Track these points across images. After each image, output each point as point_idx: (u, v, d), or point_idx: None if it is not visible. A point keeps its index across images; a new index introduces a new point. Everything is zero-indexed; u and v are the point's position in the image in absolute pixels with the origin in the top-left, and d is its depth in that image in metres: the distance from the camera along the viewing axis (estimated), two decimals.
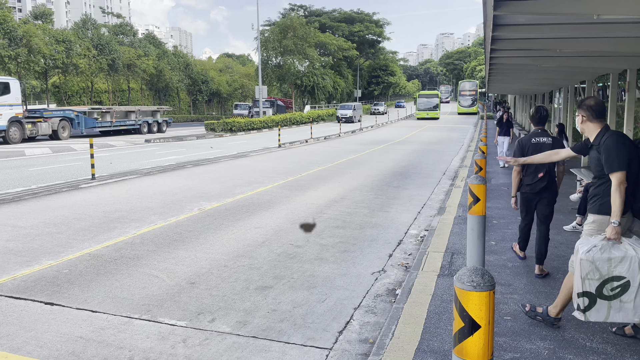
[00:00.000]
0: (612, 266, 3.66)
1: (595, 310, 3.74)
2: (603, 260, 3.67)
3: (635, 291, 3.64)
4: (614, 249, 3.68)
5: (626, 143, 3.87)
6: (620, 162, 3.77)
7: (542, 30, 7.37)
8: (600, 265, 3.67)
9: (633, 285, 3.63)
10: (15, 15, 60.41)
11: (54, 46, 41.70)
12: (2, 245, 6.80)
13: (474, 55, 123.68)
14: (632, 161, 3.85)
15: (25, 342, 4.10)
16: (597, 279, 3.69)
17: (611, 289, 3.67)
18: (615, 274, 3.66)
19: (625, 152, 3.81)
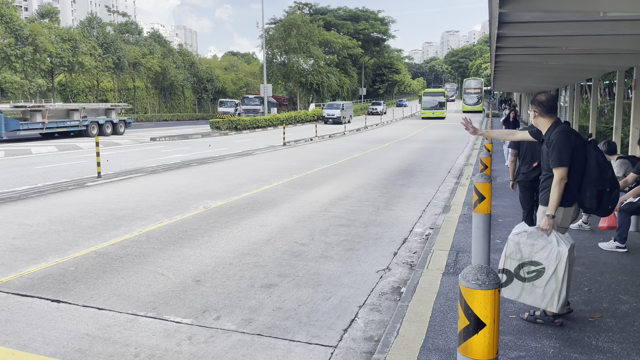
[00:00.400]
0: (533, 251, 3.91)
1: (510, 288, 4.04)
2: (527, 244, 3.92)
3: (547, 279, 3.88)
4: (541, 237, 3.92)
5: (572, 140, 3.99)
6: (563, 158, 3.93)
7: (548, 27, 7.33)
8: (523, 247, 3.93)
9: (547, 273, 3.87)
10: (22, 14, 60.68)
11: (59, 45, 41.88)
12: (9, 243, 6.84)
13: (480, 53, 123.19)
14: (578, 157, 3.98)
15: (32, 339, 4.13)
16: (518, 260, 3.96)
17: (528, 272, 3.93)
18: (534, 259, 3.90)
19: (569, 149, 3.95)
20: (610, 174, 4.00)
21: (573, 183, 3.99)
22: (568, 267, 3.87)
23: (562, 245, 3.86)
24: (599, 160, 3.99)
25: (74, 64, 43.96)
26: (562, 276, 3.86)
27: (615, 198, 4.05)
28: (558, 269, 3.86)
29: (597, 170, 3.97)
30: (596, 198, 3.99)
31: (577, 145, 4.00)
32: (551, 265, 3.86)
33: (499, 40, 8.41)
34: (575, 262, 5.82)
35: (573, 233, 7.16)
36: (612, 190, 4.00)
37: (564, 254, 3.84)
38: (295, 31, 54.91)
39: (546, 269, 3.87)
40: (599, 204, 4.01)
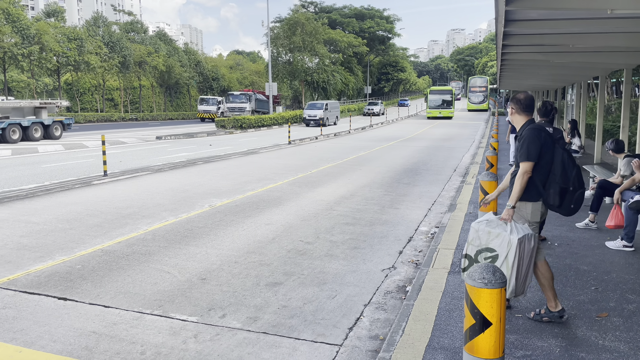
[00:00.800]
0: (489, 238, 4.09)
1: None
2: (485, 231, 4.11)
3: (500, 265, 4.03)
4: (499, 225, 4.10)
5: (541, 137, 4.14)
6: (530, 153, 4.10)
7: (555, 25, 7.29)
8: (481, 235, 4.13)
9: (499, 260, 4.05)
10: (28, 13, 60.97)
11: (65, 44, 42.07)
12: (16, 241, 6.89)
13: (485, 51, 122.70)
14: (546, 155, 4.13)
15: (39, 336, 4.15)
16: (477, 246, 4.15)
17: (484, 258, 4.11)
18: (490, 245, 4.08)
19: (538, 145, 4.10)
20: (575, 174, 4.10)
21: (540, 179, 4.14)
22: (519, 256, 4.00)
23: (514, 234, 4.01)
24: (564, 159, 4.12)
25: (80, 62, 44.16)
26: (512, 263, 4.00)
27: (579, 198, 4.14)
28: (508, 256, 4.01)
29: (561, 169, 4.10)
30: (559, 195, 4.10)
31: (546, 143, 4.14)
32: (503, 252, 4.03)
33: (505, 38, 8.37)
34: (583, 259, 5.78)
35: (580, 232, 7.13)
36: (576, 190, 4.11)
37: (513, 242, 3.98)
38: (299, 29, 54.83)
39: (499, 256, 4.05)
40: (561, 202, 4.12)
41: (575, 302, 4.67)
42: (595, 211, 7.33)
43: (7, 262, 5.97)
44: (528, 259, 4.08)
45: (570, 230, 7.25)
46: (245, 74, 76.65)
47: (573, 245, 6.53)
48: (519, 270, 4.04)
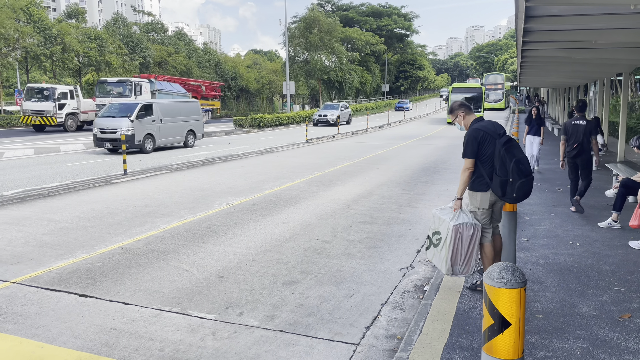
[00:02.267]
0: (439, 223, 4.78)
1: (429, 252, 4.93)
2: (437, 217, 4.82)
3: (442, 245, 4.71)
4: (448, 213, 4.73)
5: (479, 136, 4.64)
6: (467, 151, 4.68)
7: (577, 21, 7.16)
8: (435, 220, 4.86)
9: (442, 241, 4.70)
10: (50, 14, 62.03)
11: (86, 44, 42.71)
12: (38, 239, 7.01)
13: (505, 48, 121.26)
14: (486, 151, 4.62)
15: (60, 332, 4.22)
16: (432, 229, 4.89)
17: (436, 240, 4.82)
18: (438, 229, 4.78)
19: (475, 144, 4.64)
20: (513, 166, 4.47)
21: (486, 172, 4.64)
22: (454, 239, 4.59)
23: (454, 220, 4.61)
24: (501, 154, 4.54)
25: (100, 62, 44.79)
26: (450, 245, 4.60)
27: (521, 187, 4.49)
28: (447, 238, 4.63)
29: (499, 162, 4.54)
30: (499, 186, 4.55)
31: (485, 141, 4.63)
32: (444, 235, 4.67)
33: (525, 35, 8.25)
34: (605, 259, 5.68)
35: (602, 231, 7.00)
36: (516, 181, 4.48)
37: (450, 227, 4.60)
38: (316, 28, 54.80)
39: (442, 238, 4.70)
40: (503, 192, 4.56)
41: (597, 303, 4.59)
42: (619, 210, 7.19)
43: (30, 260, 6.09)
44: (467, 245, 4.62)
45: (593, 229, 7.12)
46: (262, 72, 76.94)
47: (595, 245, 6.41)
48: (456, 253, 4.62)
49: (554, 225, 7.43)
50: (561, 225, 7.43)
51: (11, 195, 10.08)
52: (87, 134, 25.78)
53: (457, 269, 4.68)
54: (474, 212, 4.78)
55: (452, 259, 4.63)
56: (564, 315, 4.35)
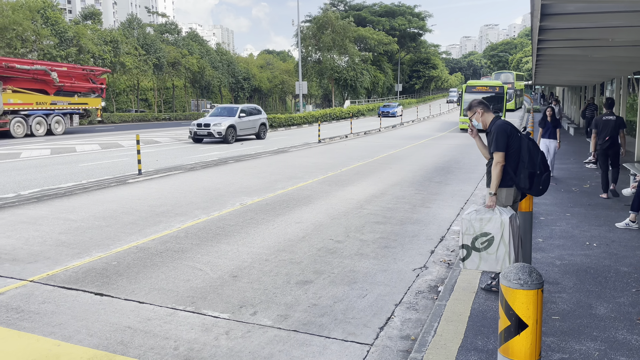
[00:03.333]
0: (482, 224, 4.56)
1: (470, 260, 4.64)
2: (477, 219, 4.58)
3: (497, 245, 4.51)
4: (487, 212, 4.59)
5: (507, 130, 4.67)
6: (499, 144, 4.62)
7: (593, 18, 7.06)
8: (474, 223, 4.59)
9: (496, 240, 4.51)
10: (66, 16, 62.81)
11: (102, 46, 43.18)
12: (55, 238, 7.10)
13: (520, 46, 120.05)
14: (514, 145, 4.64)
15: (76, 330, 4.27)
16: (471, 235, 4.60)
17: (481, 243, 4.56)
18: (484, 230, 4.55)
19: (505, 137, 4.63)
20: (540, 159, 4.60)
21: (510, 167, 4.65)
22: (512, 233, 4.49)
23: (504, 214, 4.51)
24: (530, 147, 4.63)
25: (115, 64, 45.26)
26: (509, 240, 4.48)
27: (546, 180, 4.62)
28: (504, 234, 4.49)
29: (528, 155, 4.60)
30: (528, 179, 4.60)
31: (513, 135, 4.67)
32: (498, 233, 4.50)
33: (541, 33, 8.16)
34: (623, 260, 5.59)
35: (620, 232, 6.90)
36: (542, 173, 4.60)
37: (506, 221, 4.48)
38: (330, 29, 54.77)
39: (495, 237, 4.51)
40: (531, 184, 4.61)
41: (615, 305, 4.52)
42: (637, 211, 7.08)
43: (47, 259, 6.16)
44: (518, 235, 4.57)
45: (610, 230, 7.02)
46: (275, 73, 77.16)
47: (613, 245, 6.32)
48: (516, 245, 4.53)
49: (570, 225, 7.34)
50: (577, 225, 7.34)
51: (28, 195, 10.22)
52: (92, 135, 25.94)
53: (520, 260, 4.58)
54: None
55: (516, 253, 4.51)
56: (580, 317, 4.30)
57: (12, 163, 15.67)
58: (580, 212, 8.17)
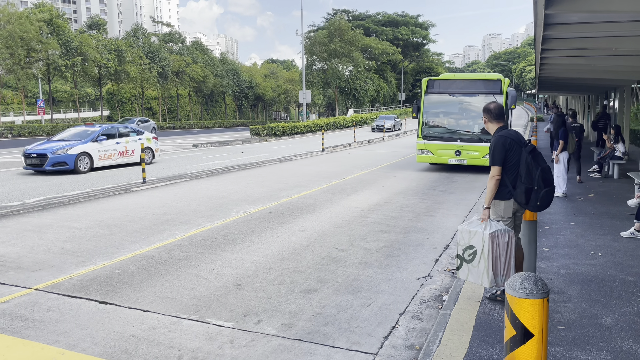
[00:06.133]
0: (470, 237, 4.63)
1: (462, 271, 4.76)
2: (466, 232, 4.66)
3: (479, 259, 4.56)
4: (478, 225, 4.62)
5: (506, 143, 4.60)
6: (495, 158, 4.60)
7: (597, 28, 7.09)
8: (464, 235, 4.68)
9: (478, 254, 4.56)
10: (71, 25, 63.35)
11: (106, 55, 43.49)
12: (59, 246, 7.12)
13: (523, 55, 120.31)
14: (512, 158, 4.58)
15: (80, 339, 4.27)
16: (462, 245, 4.71)
17: (468, 255, 4.65)
18: (470, 243, 4.62)
19: (502, 151, 4.58)
20: (539, 174, 4.45)
21: (510, 180, 4.61)
22: (492, 248, 4.48)
23: (487, 230, 4.51)
24: (528, 161, 4.50)
25: (120, 72, 45.55)
26: (487, 256, 4.49)
27: (544, 197, 4.46)
28: (484, 249, 4.51)
29: (525, 170, 4.50)
30: (524, 194, 4.50)
31: (512, 148, 4.59)
32: (480, 247, 4.54)
33: (544, 43, 8.19)
34: (628, 270, 5.57)
35: (625, 241, 6.87)
36: (541, 189, 4.45)
37: (486, 236, 4.48)
38: (338, 37, 55.00)
39: (477, 251, 4.56)
40: (527, 200, 4.51)
41: (620, 315, 4.49)
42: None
43: (51, 267, 6.18)
44: (505, 252, 4.53)
45: (615, 239, 6.99)
46: (279, 82, 77.49)
47: (618, 255, 6.29)
48: (495, 262, 4.51)
49: (574, 234, 7.32)
50: (582, 234, 7.31)
51: (33, 203, 10.26)
52: None
53: (499, 280, 4.55)
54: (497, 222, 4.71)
55: (494, 269, 4.51)
56: (586, 326, 4.27)
57: (17, 171, 15.74)
58: (585, 221, 8.14)
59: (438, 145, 15.01)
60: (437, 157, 15.08)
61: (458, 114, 15.09)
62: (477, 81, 14.96)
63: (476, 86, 14.73)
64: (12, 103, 63.27)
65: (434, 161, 15.32)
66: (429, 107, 15.27)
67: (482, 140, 14.39)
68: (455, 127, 15.04)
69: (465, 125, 14.92)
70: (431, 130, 15.23)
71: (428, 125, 15.27)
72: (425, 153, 15.35)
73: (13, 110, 61.51)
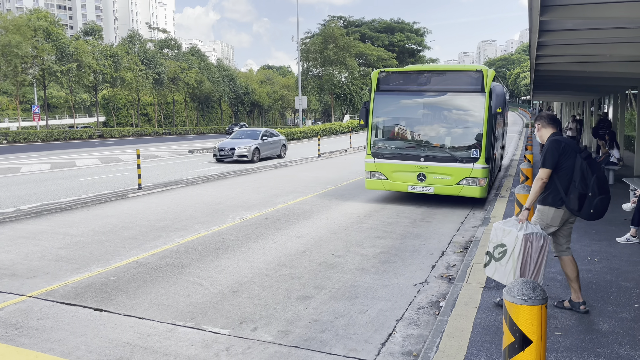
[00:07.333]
0: (503, 235, 4.54)
1: (489, 268, 4.67)
2: (501, 229, 4.57)
3: (508, 258, 4.46)
4: (514, 225, 4.51)
5: (560, 147, 4.50)
6: (547, 161, 4.50)
7: (591, 34, 7.14)
8: (498, 232, 4.60)
9: (508, 253, 4.46)
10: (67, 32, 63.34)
11: (102, 61, 43.46)
12: (54, 253, 7.07)
13: (518, 62, 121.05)
14: (566, 163, 4.48)
15: (75, 347, 4.23)
16: (494, 243, 4.62)
17: (498, 253, 4.55)
18: (502, 241, 4.53)
19: (556, 155, 4.48)
20: (594, 181, 4.36)
21: (562, 186, 4.50)
22: (524, 250, 4.36)
23: (522, 230, 4.41)
24: (583, 167, 4.42)
25: (116, 79, 45.51)
26: (518, 256, 4.39)
27: (599, 204, 4.38)
28: (515, 250, 4.41)
29: (580, 176, 4.41)
30: (578, 200, 4.41)
31: (566, 152, 4.49)
32: (511, 247, 4.44)
33: (539, 49, 8.23)
34: (625, 275, 5.57)
35: (621, 247, 6.88)
36: (595, 196, 4.36)
37: (520, 237, 4.37)
38: (333, 44, 55.20)
39: (508, 250, 4.47)
40: (580, 207, 4.43)
41: (617, 320, 4.49)
42: (637, 225, 7.07)
43: (46, 274, 6.13)
44: (536, 256, 4.39)
45: (611, 245, 7.00)
46: (275, 88, 77.61)
47: (614, 260, 6.30)
48: (525, 264, 4.38)
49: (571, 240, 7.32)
50: (578, 240, 7.32)
51: (28, 210, 10.20)
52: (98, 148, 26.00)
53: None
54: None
55: (521, 270, 4.40)
56: (583, 332, 4.27)
57: (11, 177, 15.67)
58: (581, 227, 8.15)
59: (393, 165, 10.64)
60: (393, 183, 10.70)
61: (422, 120, 10.70)
62: (449, 74, 10.55)
63: (447, 81, 10.44)
64: (7, 109, 63.08)
65: (390, 188, 10.85)
66: (381, 110, 10.95)
67: (457, 160, 10.15)
68: (418, 140, 10.71)
69: (432, 137, 10.58)
70: (384, 145, 10.93)
71: (380, 138, 11.07)
72: (376, 177, 10.87)
73: (8, 117, 61.32)
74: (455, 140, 10.34)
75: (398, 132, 11.06)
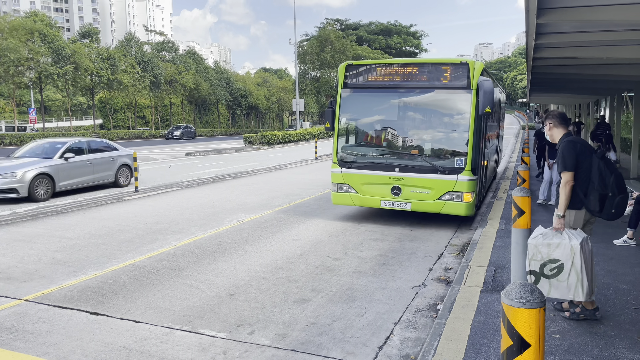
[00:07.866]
0: (550, 250, 4.28)
1: (540, 287, 4.33)
2: (544, 244, 4.30)
3: (568, 272, 4.24)
4: (555, 236, 4.31)
5: (577, 148, 4.41)
6: (567, 164, 4.38)
7: (588, 37, 7.15)
8: (541, 249, 4.31)
9: (566, 267, 4.24)
10: (64, 34, 63.25)
11: (99, 64, 43.41)
12: (50, 256, 7.03)
13: (514, 65, 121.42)
14: (584, 164, 4.39)
15: (71, 351, 4.20)
16: (539, 260, 4.32)
17: (550, 270, 4.29)
18: (553, 257, 4.27)
19: (573, 155, 4.38)
20: (613, 180, 4.30)
21: (580, 188, 4.40)
22: (584, 258, 4.20)
23: (574, 240, 4.23)
24: (601, 167, 4.35)
25: (112, 81, 45.45)
26: (580, 267, 4.20)
27: (620, 203, 4.31)
28: (574, 261, 4.21)
29: (598, 176, 4.34)
30: (599, 201, 4.34)
31: (582, 153, 4.40)
32: (568, 260, 4.23)
33: (536, 51, 8.25)
34: (622, 277, 5.57)
35: (618, 249, 6.89)
36: (615, 196, 4.30)
37: (576, 247, 4.19)
38: (329, 47, 55.31)
39: (565, 264, 4.24)
40: (601, 207, 4.35)
41: (615, 323, 4.48)
42: (634, 227, 7.08)
43: (42, 277, 6.10)
44: (590, 260, 4.30)
45: (608, 247, 7.01)
46: (272, 90, 77.64)
47: (611, 262, 6.30)
48: (587, 272, 4.24)
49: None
50: None
51: (23, 213, 10.16)
52: None
53: (592, 289, 4.31)
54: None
55: (590, 279, 4.25)
56: (581, 335, 4.26)
57: None
58: None
59: (363, 177, 9.07)
60: (363, 198, 9.12)
61: (397, 122, 9.14)
62: (429, 67, 8.75)
63: (427, 75, 8.69)
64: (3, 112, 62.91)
65: (360, 203, 9.24)
66: (349, 111, 9.36)
67: (438, 170, 8.56)
68: (393, 146, 9.14)
69: (409, 143, 9.04)
70: (352, 152, 9.37)
71: (348, 144, 9.52)
72: (344, 190, 9.30)
73: (4, 119, 61.16)
74: (436, 146, 8.77)
75: (369, 136, 9.42)
